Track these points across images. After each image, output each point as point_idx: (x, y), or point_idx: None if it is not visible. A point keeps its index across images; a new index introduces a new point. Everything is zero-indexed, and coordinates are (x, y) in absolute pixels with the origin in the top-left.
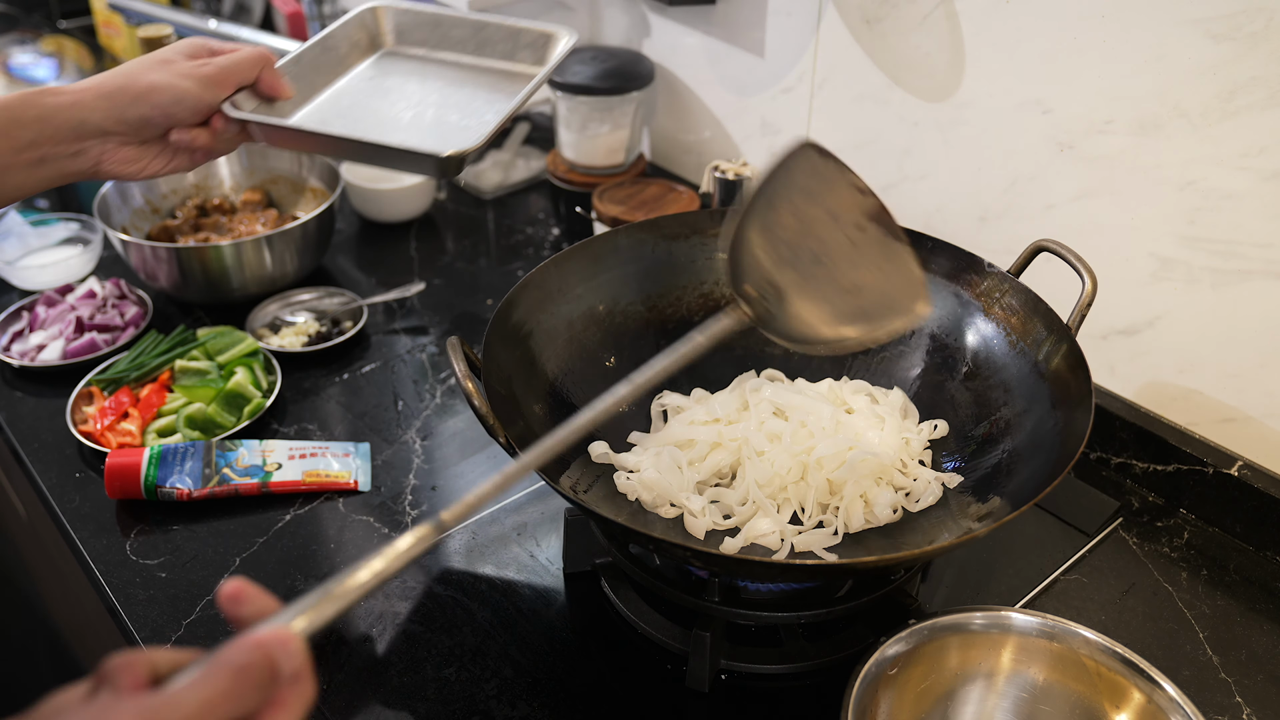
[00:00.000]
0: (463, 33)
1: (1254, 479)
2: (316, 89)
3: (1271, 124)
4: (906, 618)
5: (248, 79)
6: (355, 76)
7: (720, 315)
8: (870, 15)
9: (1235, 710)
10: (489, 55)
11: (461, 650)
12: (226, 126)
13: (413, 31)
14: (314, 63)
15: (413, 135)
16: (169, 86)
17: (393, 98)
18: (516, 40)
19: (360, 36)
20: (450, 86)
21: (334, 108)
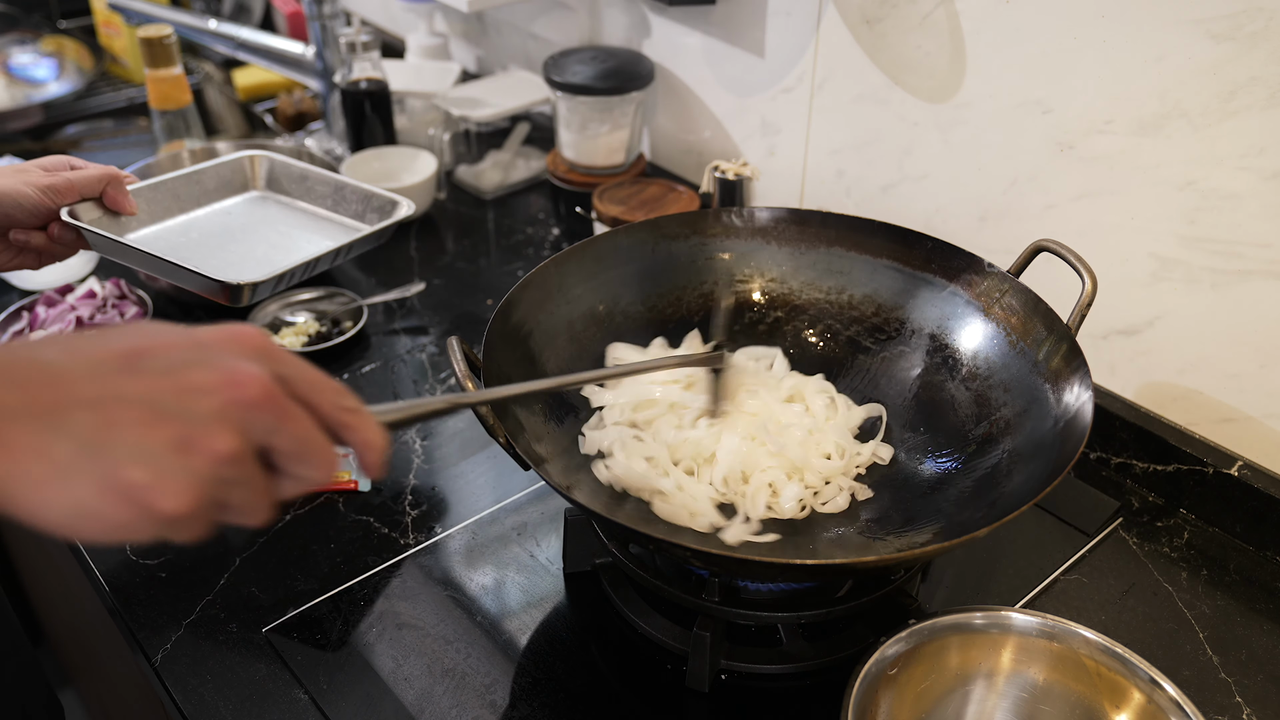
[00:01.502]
0: (325, 189)
1: (1254, 479)
2: (170, 214)
3: (1271, 124)
4: (906, 618)
5: (92, 192)
6: (214, 210)
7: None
8: (870, 15)
9: (1235, 710)
10: (342, 212)
11: (461, 650)
12: (62, 233)
13: (282, 181)
14: (175, 190)
15: (229, 268)
16: (12, 191)
17: (237, 234)
18: (368, 203)
19: (233, 177)
20: (295, 232)
21: (177, 232)
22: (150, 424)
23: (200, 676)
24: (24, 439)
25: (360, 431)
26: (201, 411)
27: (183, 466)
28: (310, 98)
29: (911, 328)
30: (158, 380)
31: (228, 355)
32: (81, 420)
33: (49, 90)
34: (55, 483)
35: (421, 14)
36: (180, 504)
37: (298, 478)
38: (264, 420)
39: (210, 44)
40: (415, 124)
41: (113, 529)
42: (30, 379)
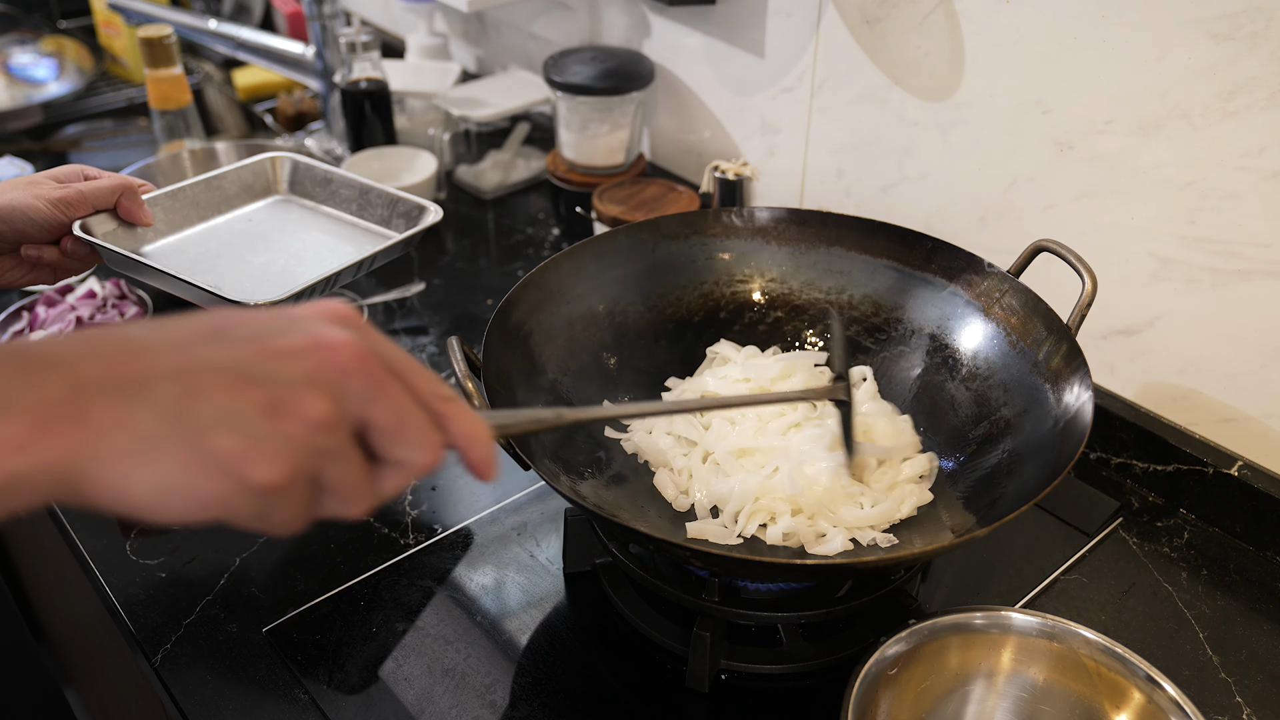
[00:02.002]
0: (349, 193)
1: (1254, 479)
2: (190, 222)
3: (1271, 124)
4: (906, 618)
5: (105, 203)
6: (235, 217)
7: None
8: (870, 15)
9: (1235, 710)
10: (368, 217)
11: (461, 650)
12: (75, 247)
13: (305, 184)
14: (194, 198)
15: (249, 282)
16: (23, 206)
17: (257, 243)
18: (394, 208)
19: (254, 181)
20: (318, 240)
21: (195, 243)
22: (237, 388)
23: (200, 676)
24: (105, 412)
25: (461, 422)
26: (291, 375)
27: (274, 431)
28: (310, 98)
29: (911, 328)
30: (243, 347)
31: (318, 323)
32: (165, 389)
33: (49, 90)
34: (139, 456)
35: (421, 14)
36: (274, 473)
37: (400, 463)
38: (358, 387)
39: (210, 44)
40: (415, 124)
41: (202, 504)
42: (113, 352)
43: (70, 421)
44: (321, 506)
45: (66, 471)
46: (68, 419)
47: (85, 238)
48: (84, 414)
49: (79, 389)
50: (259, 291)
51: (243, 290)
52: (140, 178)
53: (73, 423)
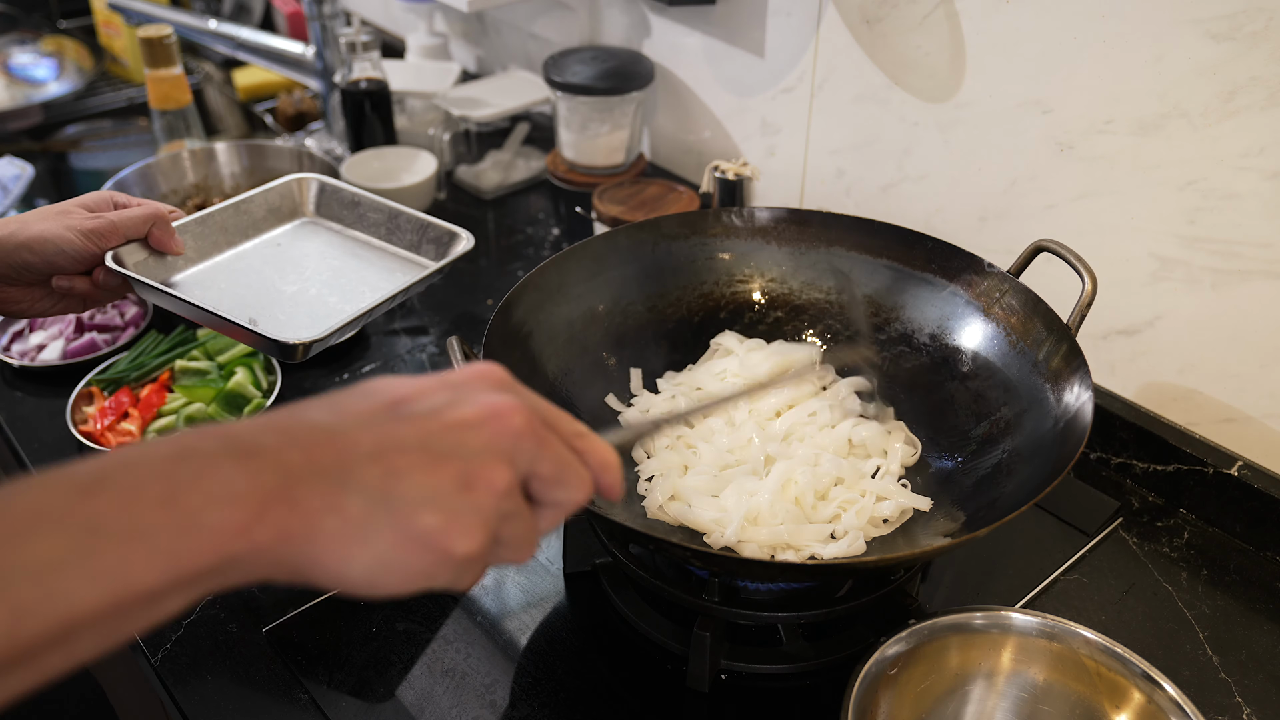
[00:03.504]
0: (378, 217)
1: (1254, 479)
2: (219, 248)
3: (1271, 124)
4: (906, 618)
5: (137, 233)
6: (263, 242)
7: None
8: (870, 15)
9: (1235, 710)
10: (396, 242)
11: (461, 650)
12: (108, 279)
13: (333, 207)
14: (223, 223)
15: (283, 314)
16: (54, 237)
17: (287, 270)
18: (424, 233)
19: (281, 203)
20: (348, 266)
21: (226, 271)
22: (432, 466)
23: (200, 676)
24: (316, 498)
25: (595, 454)
26: (475, 446)
27: (469, 505)
28: (310, 98)
29: (911, 328)
30: (427, 422)
31: (481, 391)
32: (367, 473)
33: (49, 90)
34: (354, 539)
35: (421, 14)
36: (474, 543)
37: (557, 504)
38: (528, 448)
39: (210, 44)
40: (415, 124)
41: (410, 578)
42: (309, 439)
43: (285, 508)
44: (497, 558)
45: (283, 554)
46: (283, 505)
47: (119, 270)
48: (297, 500)
49: (289, 476)
50: (297, 327)
51: (280, 325)
52: (140, 178)
53: (288, 508)
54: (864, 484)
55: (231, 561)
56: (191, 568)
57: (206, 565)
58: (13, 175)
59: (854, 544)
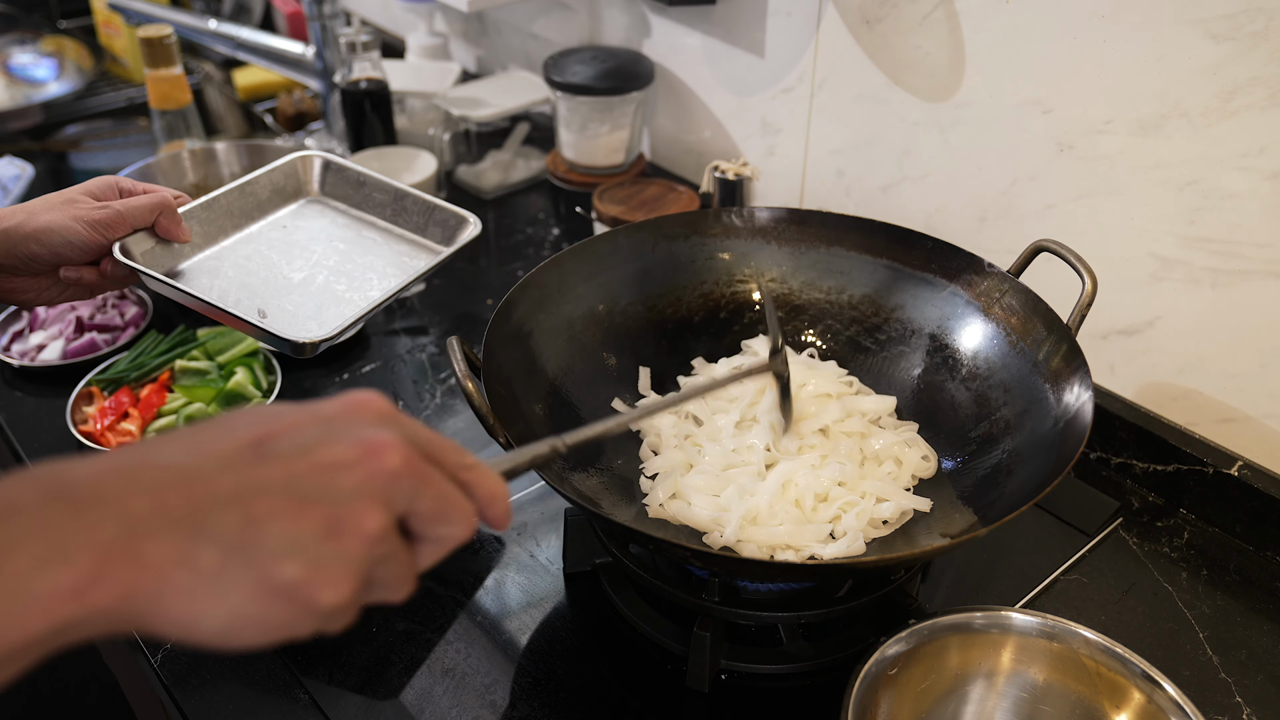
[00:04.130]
0: (384, 197)
1: (1254, 479)
2: (225, 232)
3: (1271, 124)
4: (906, 618)
5: (144, 223)
6: (268, 224)
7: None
8: (870, 15)
9: (1235, 710)
10: (402, 224)
11: (461, 650)
12: (115, 269)
13: (338, 186)
14: (228, 207)
15: (291, 306)
16: (61, 228)
17: (294, 254)
18: (430, 216)
19: (286, 183)
20: (354, 250)
21: (232, 256)
22: (296, 513)
23: (200, 676)
24: (163, 551)
25: (483, 486)
26: (345, 489)
27: (336, 553)
28: (310, 98)
29: (911, 328)
30: (293, 462)
31: (357, 425)
32: (224, 520)
33: (49, 90)
34: (206, 593)
35: (421, 14)
36: (341, 594)
37: (438, 539)
38: (406, 487)
39: (210, 44)
40: (415, 124)
41: (270, 631)
42: (160, 483)
43: (128, 563)
44: (369, 598)
45: (126, 612)
46: (125, 560)
47: (126, 262)
48: (141, 554)
49: (133, 527)
50: (306, 319)
51: (289, 316)
52: (140, 178)
53: (131, 564)
54: (864, 485)
55: (68, 626)
56: (20, 639)
57: (38, 634)
58: (13, 175)
59: (853, 544)
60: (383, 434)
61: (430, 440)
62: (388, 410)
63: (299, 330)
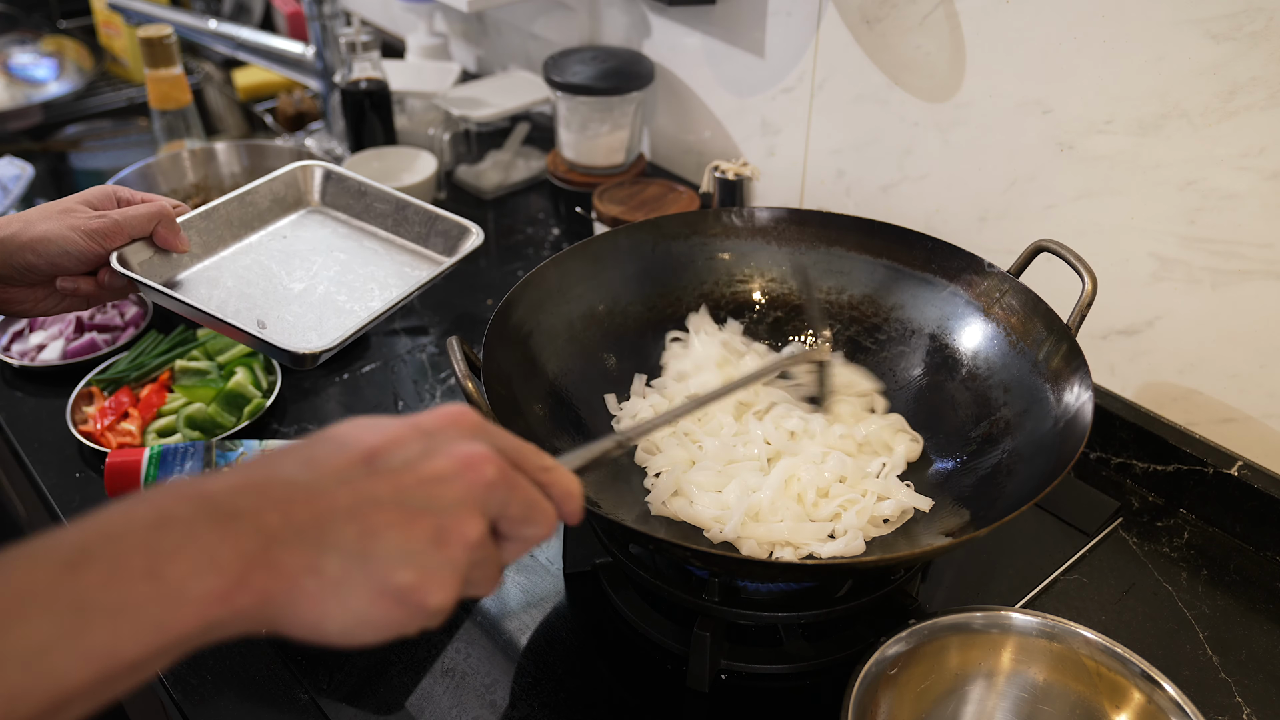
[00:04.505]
0: (385, 207)
1: (1254, 479)
2: (224, 242)
3: (1271, 124)
4: (906, 618)
5: (142, 232)
6: (268, 234)
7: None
8: (870, 15)
9: (1235, 710)
10: (404, 235)
11: (461, 650)
12: (113, 279)
13: (339, 196)
14: (227, 217)
15: (291, 316)
16: (58, 238)
17: (293, 264)
18: (432, 226)
19: (286, 193)
20: (355, 260)
21: (232, 267)
22: (407, 523)
23: (200, 676)
24: (293, 559)
25: (560, 485)
26: (448, 500)
27: (443, 560)
28: (310, 98)
29: (911, 328)
30: (402, 475)
31: (454, 439)
32: (344, 532)
33: (49, 90)
34: (330, 597)
35: (421, 14)
36: (447, 596)
37: (523, 539)
38: (499, 495)
39: (210, 44)
40: (415, 124)
41: (386, 630)
42: (287, 498)
43: (265, 571)
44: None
45: (263, 614)
46: (263, 569)
47: (124, 273)
48: (276, 563)
49: (268, 539)
50: (306, 329)
51: (289, 327)
52: (140, 178)
53: (268, 572)
54: (866, 483)
55: (214, 626)
56: (176, 636)
57: (190, 632)
58: (13, 175)
59: (853, 543)
60: (477, 447)
61: (514, 447)
62: (478, 422)
63: (299, 341)
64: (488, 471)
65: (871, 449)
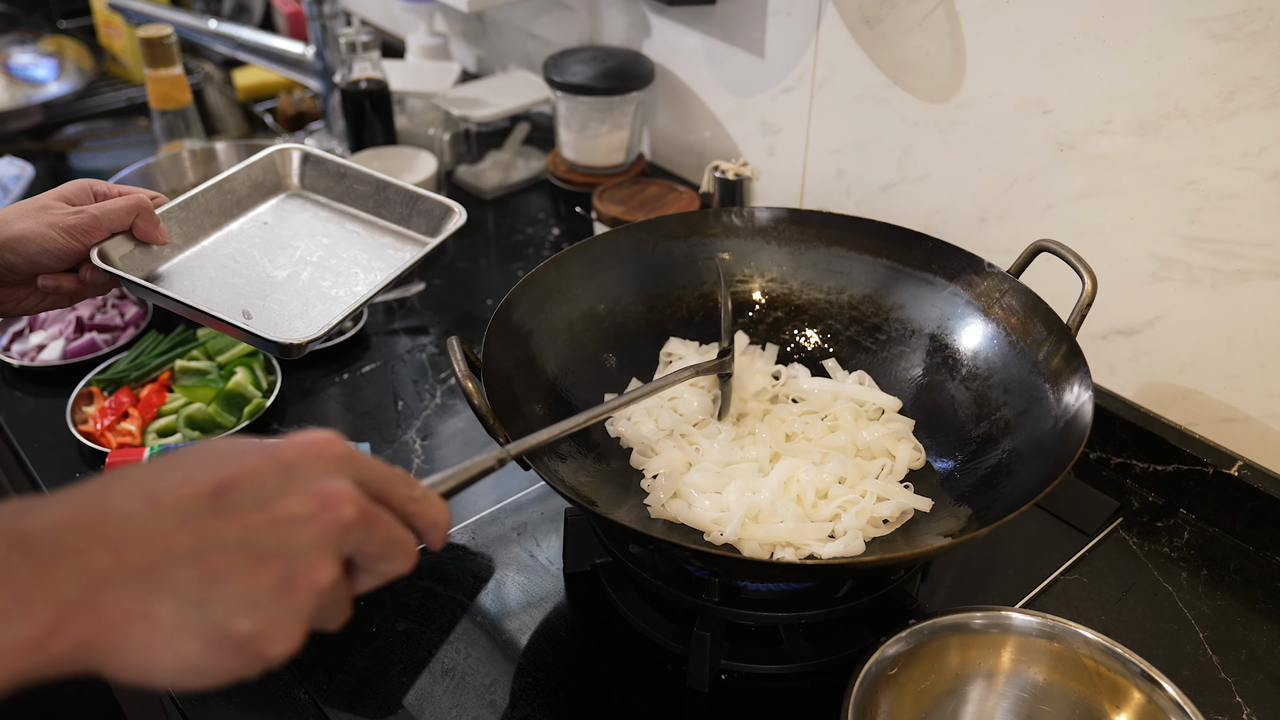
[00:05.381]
0: (365, 189)
1: (1254, 479)
2: (205, 232)
3: (1271, 124)
4: (906, 618)
5: (120, 226)
6: (250, 220)
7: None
8: (870, 15)
9: (1235, 710)
10: (385, 216)
11: (461, 650)
12: (95, 276)
13: (318, 179)
14: (206, 205)
15: (276, 305)
16: (36, 236)
17: (276, 251)
18: (414, 206)
19: (264, 178)
20: (338, 244)
21: (213, 256)
22: (252, 570)
23: None
24: (121, 604)
25: (426, 515)
26: (300, 545)
27: (289, 607)
28: (310, 98)
29: (911, 328)
30: (251, 516)
31: (313, 475)
32: (182, 576)
33: (49, 90)
34: (160, 645)
35: (421, 14)
36: (290, 644)
37: (378, 573)
38: (356, 535)
39: (210, 44)
40: (415, 124)
41: (220, 678)
42: (120, 537)
43: (88, 617)
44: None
45: (83, 660)
46: (84, 614)
47: (105, 268)
48: (101, 609)
49: (93, 583)
50: (292, 318)
51: (275, 317)
52: (140, 178)
53: (90, 619)
54: (866, 484)
55: (27, 673)
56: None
57: (2, 680)
58: (13, 175)
59: (853, 543)
60: (337, 484)
61: (381, 479)
62: (343, 453)
63: (285, 331)
64: (345, 512)
65: (871, 454)
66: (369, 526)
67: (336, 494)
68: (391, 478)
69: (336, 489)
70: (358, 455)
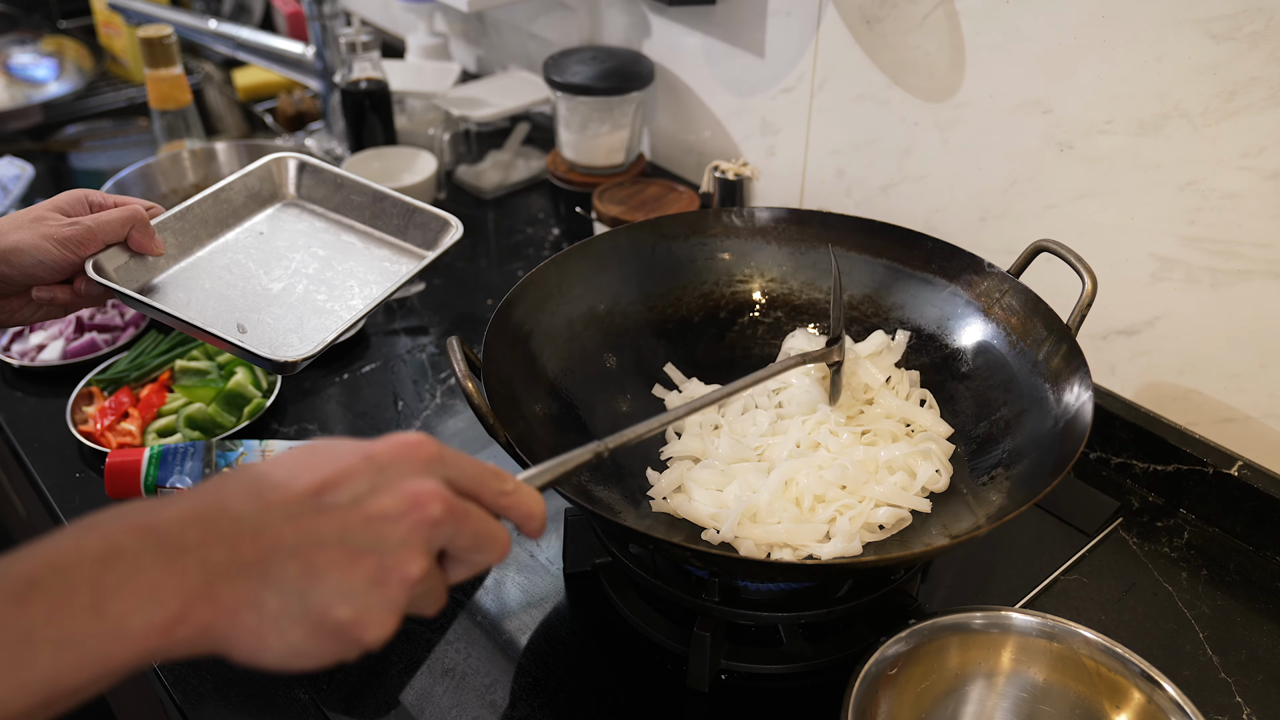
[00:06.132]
0: (362, 200)
1: (1254, 479)
2: (200, 242)
3: (1271, 124)
4: (906, 618)
5: (115, 238)
6: (245, 230)
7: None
8: (870, 15)
9: (1235, 710)
10: (382, 228)
11: (461, 650)
12: (89, 288)
13: (315, 189)
14: (202, 215)
15: (271, 319)
16: (30, 248)
17: (271, 262)
18: (410, 218)
19: (260, 187)
20: (334, 256)
21: (208, 267)
22: (349, 564)
23: (200, 676)
24: (236, 595)
25: (519, 507)
26: (392, 540)
27: (383, 599)
28: (310, 98)
29: (911, 328)
30: (347, 514)
31: (404, 475)
32: (286, 569)
33: (49, 90)
34: (269, 631)
35: (421, 14)
36: (384, 631)
37: (471, 564)
38: (445, 531)
39: (210, 44)
40: (415, 124)
41: (322, 661)
42: (233, 534)
43: (207, 605)
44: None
45: (203, 643)
46: (206, 603)
47: (100, 281)
48: (218, 598)
49: (212, 575)
50: (287, 332)
51: (269, 332)
52: (140, 178)
53: (210, 606)
54: (867, 489)
55: (155, 654)
56: (118, 665)
57: (132, 661)
58: (13, 175)
59: (850, 543)
60: (426, 483)
61: (471, 476)
62: (433, 453)
63: (280, 346)
64: (433, 510)
65: (891, 470)
66: (457, 522)
67: (425, 492)
68: (482, 474)
69: (425, 488)
70: (449, 454)
